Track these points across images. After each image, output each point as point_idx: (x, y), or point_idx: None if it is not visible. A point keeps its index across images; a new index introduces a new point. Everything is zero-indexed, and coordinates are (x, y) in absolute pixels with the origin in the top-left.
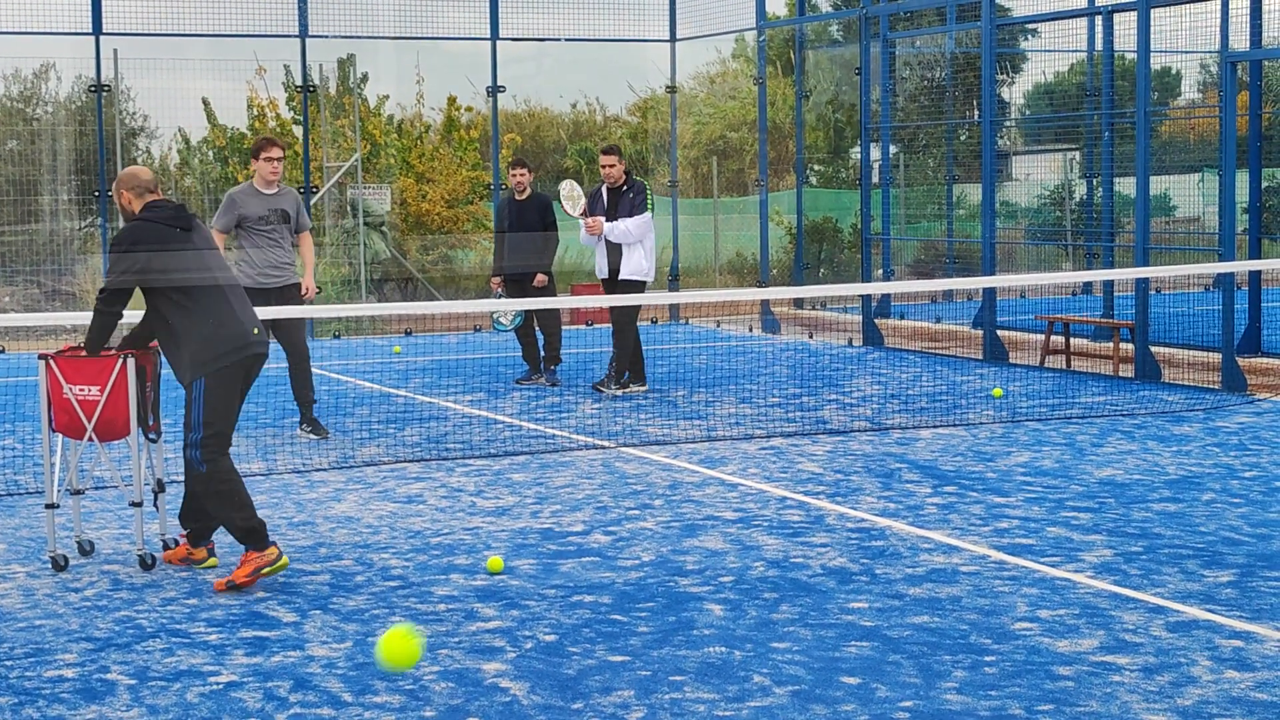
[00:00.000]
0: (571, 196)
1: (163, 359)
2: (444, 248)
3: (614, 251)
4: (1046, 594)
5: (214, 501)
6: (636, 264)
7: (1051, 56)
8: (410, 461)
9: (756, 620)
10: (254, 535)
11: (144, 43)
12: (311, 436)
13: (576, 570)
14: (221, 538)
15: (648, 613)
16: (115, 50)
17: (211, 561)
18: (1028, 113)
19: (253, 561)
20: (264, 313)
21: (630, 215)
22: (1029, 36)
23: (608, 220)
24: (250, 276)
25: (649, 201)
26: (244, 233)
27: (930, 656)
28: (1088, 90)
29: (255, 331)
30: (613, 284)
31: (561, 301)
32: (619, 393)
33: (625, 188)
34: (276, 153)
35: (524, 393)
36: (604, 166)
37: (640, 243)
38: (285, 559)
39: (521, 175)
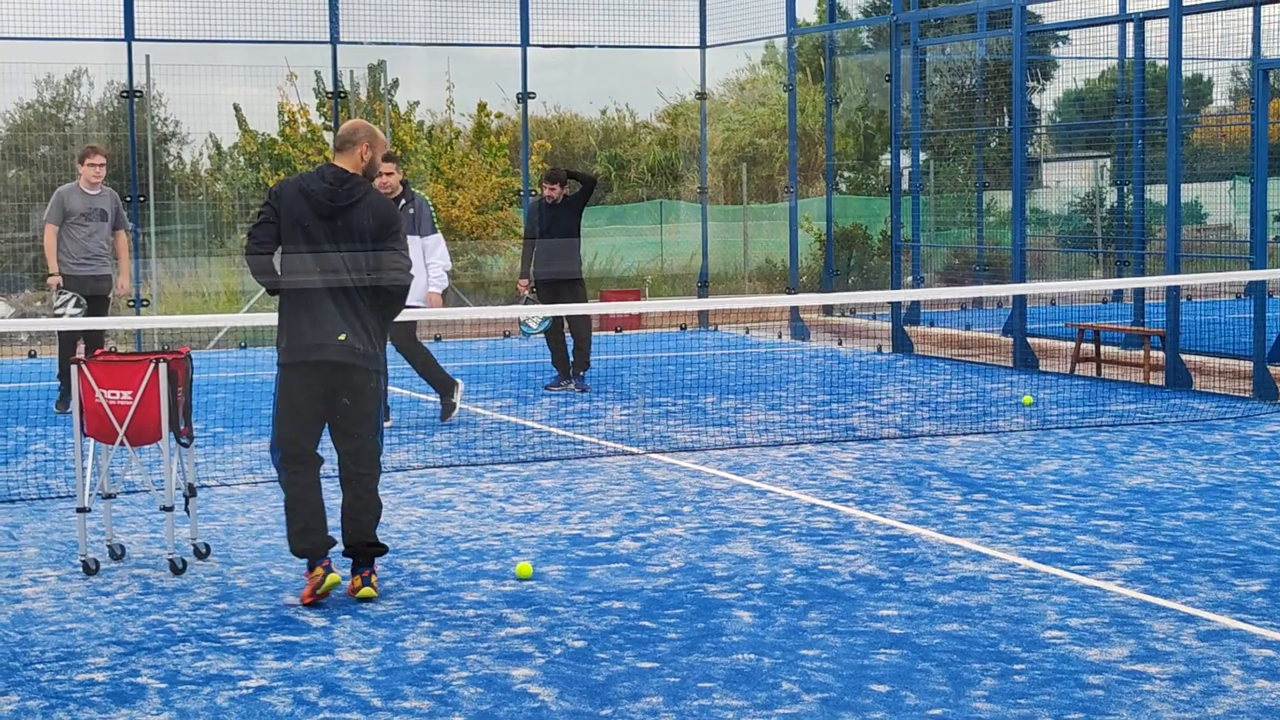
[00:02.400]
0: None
1: (194, 363)
2: (473, 254)
3: None
4: (1076, 602)
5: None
6: (419, 289)
7: (1082, 63)
8: (439, 467)
9: (785, 627)
10: (303, 556)
11: (176, 48)
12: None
13: (605, 576)
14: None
15: (676, 619)
16: (147, 56)
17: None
18: (1058, 120)
19: (308, 582)
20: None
21: (417, 233)
22: (1059, 43)
23: None
24: (68, 265)
25: (435, 223)
26: (66, 225)
27: (960, 664)
28: (1119, 97)
29: (342, 337)
30: None
31: (591, 307)
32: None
33: (404, 201)
34: (98, 159)
35: (553, 398)
36: (382, 174)
37: (426, 268)
38: (333, 577)
39: (553, 190)
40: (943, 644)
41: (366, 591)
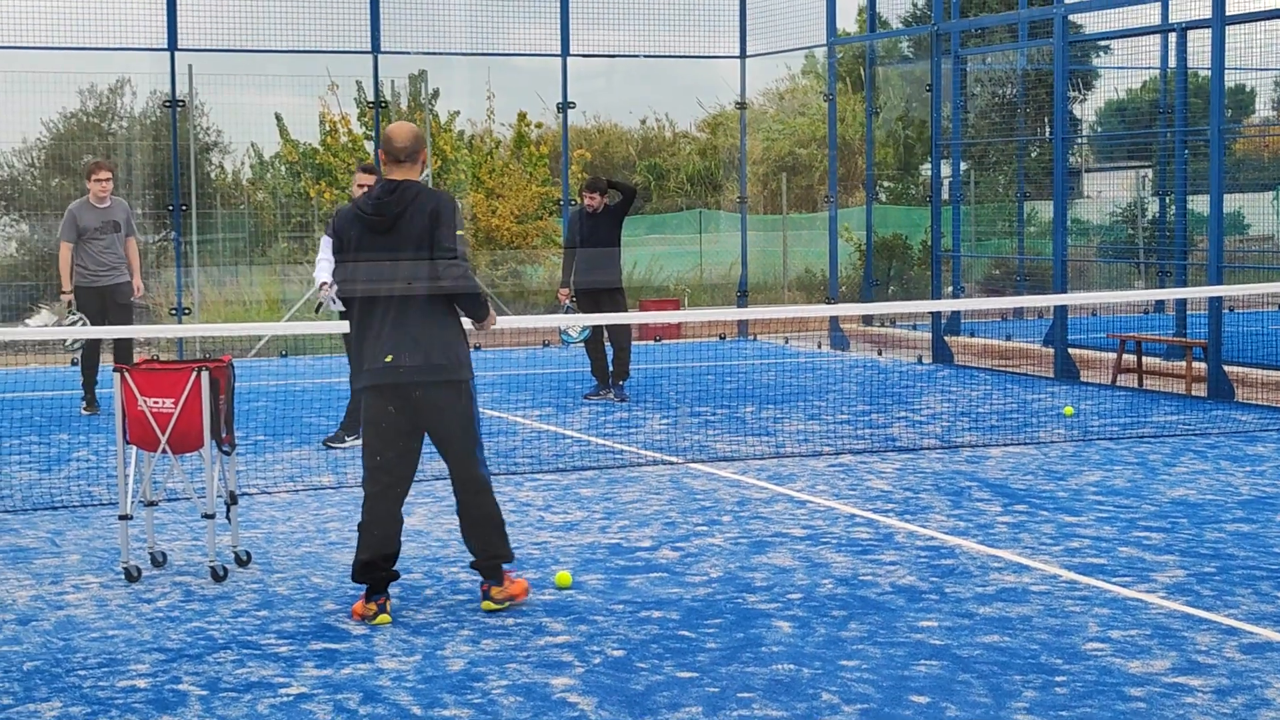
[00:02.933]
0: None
1: (235, 372)
2: (513, 263)
3: None
4: (1118, 614)
5: None
6: None
7: (1124, 73)
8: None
9: (825, 638)
10: (359, 579)
11: (218, 58)
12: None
13: (645, 586)
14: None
15: (716, 629)
16: (190, 66)
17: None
18: (1099, 130)
19: (360, 602)
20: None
21: None
22: (1101, 53)
23: None
24: (85, 276)
25: None
26: (82, 241)
27: (1000, 676)
28: (1160, 107)
29: (389, 359)
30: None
31: (632, 317)
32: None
33: None
34: (104, 174)
35: (592, 408)
36: (360, 186)
37: None
38: (384, 618)
39: (593, 199)
40: (983, 655)
41: (486, 605)
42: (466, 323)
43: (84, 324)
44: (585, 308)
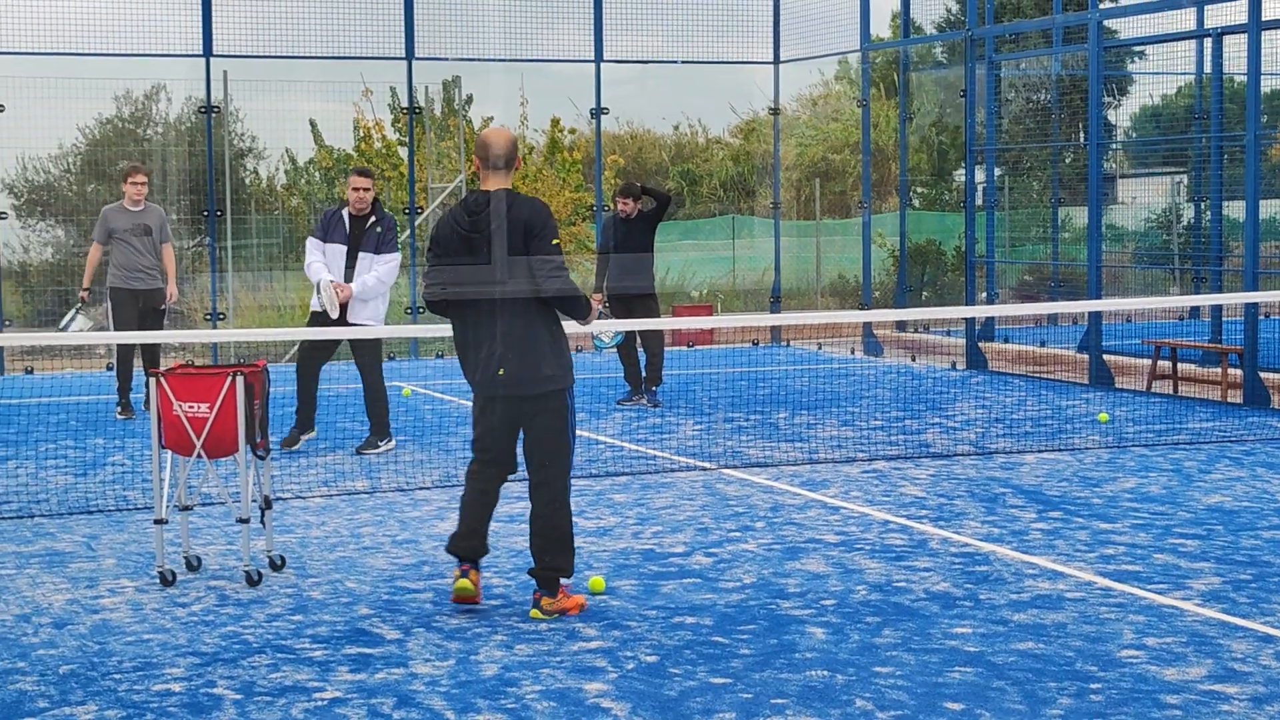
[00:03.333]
0: (331, 300)
1: (270, 377)
2: None
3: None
4: (1153, 621)
5: None
6: (374, 308)
7: (1159, 79)
8: (513, 481)
9: (859, 644)
10: (450, 549)
11: (253, 64)
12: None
13: (678, 591)
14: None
15: (749, 635)
16: (225, 72)
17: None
18: (1134, 135)
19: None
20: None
21: (377, 252)
22: (1136, 59)
23: (348, 250)
24: (119, 278)
25: (399, 239)
26: (114, 242)
27: (1035, 683)
28: (1196, 113)
29: (500, 372)
30: (337, 322)
31: (665, 323)
32: (386, 448)
33: (373, 218)
34: (140, 178)
35: (625, 413)
36: (355, 189)
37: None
38: (462, 583)
39: (626, 205)
40: (1018, 662)
41: (534, 613)
42: (569, 325)
43: (78, 320)
44: (618, 313)
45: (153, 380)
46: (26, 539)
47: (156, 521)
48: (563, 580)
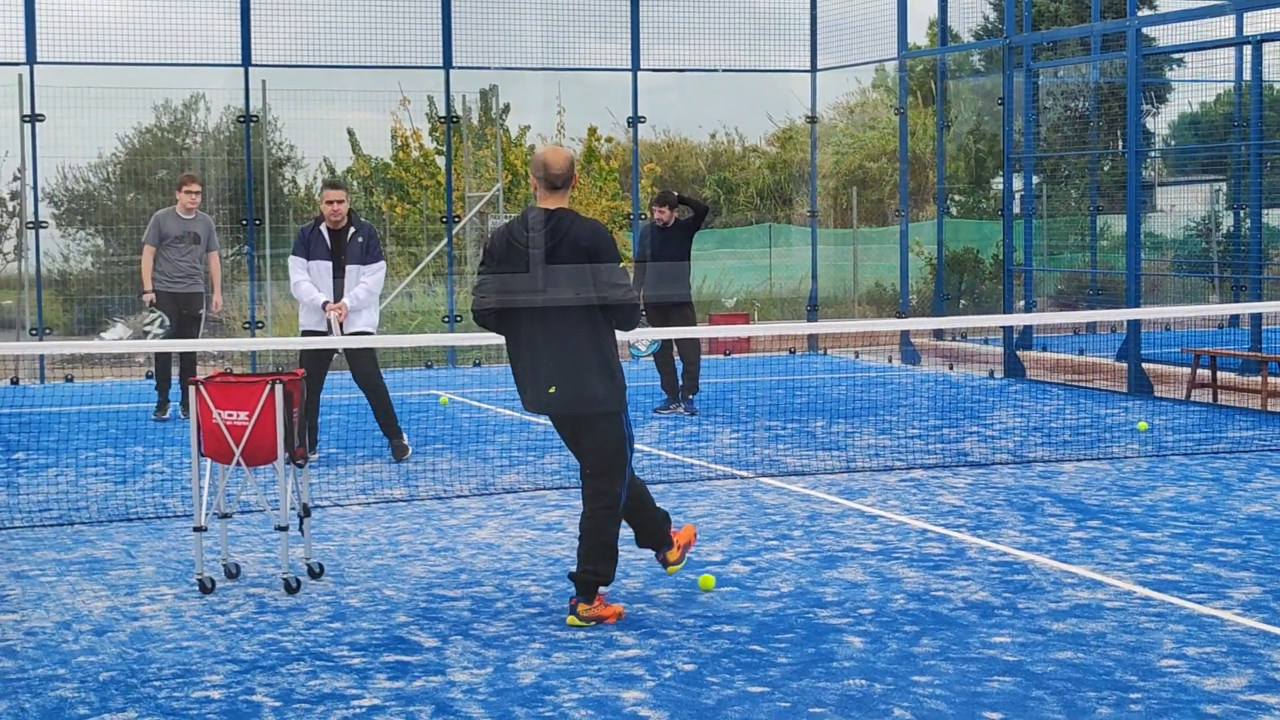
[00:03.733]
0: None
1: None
2: None
3: (336, 297)
4: (1193, 631)
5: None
6: (368, 317)
7: (1197, 86)
8: (550, 489)
9: (897, 653)
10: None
11: (291, 74)
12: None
13: (715, 600)
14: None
15: (787, 644)
16: (264, 81)
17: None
18: (1173, 143)
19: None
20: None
21: (363, 262)
22: (1174, 66)
23: (334, 265)
24: (162, 282)
25: (382, 250)
26: (162, 247)
27: (1074, 693)
28: (1235, 120)
29: (551, 390)
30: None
31: (701, 331)
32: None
33: (352, 230)
34: (194, 187)
35: (662, 421)
36: (329, 202)
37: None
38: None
39: (662, 213)
40: (1057, 672)
41: (570, 619)
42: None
43: (164, 323)
44: (654, 322)
45: (192, 388)
46: (67, 546)
47: (196, 529)
48: (601, 589)
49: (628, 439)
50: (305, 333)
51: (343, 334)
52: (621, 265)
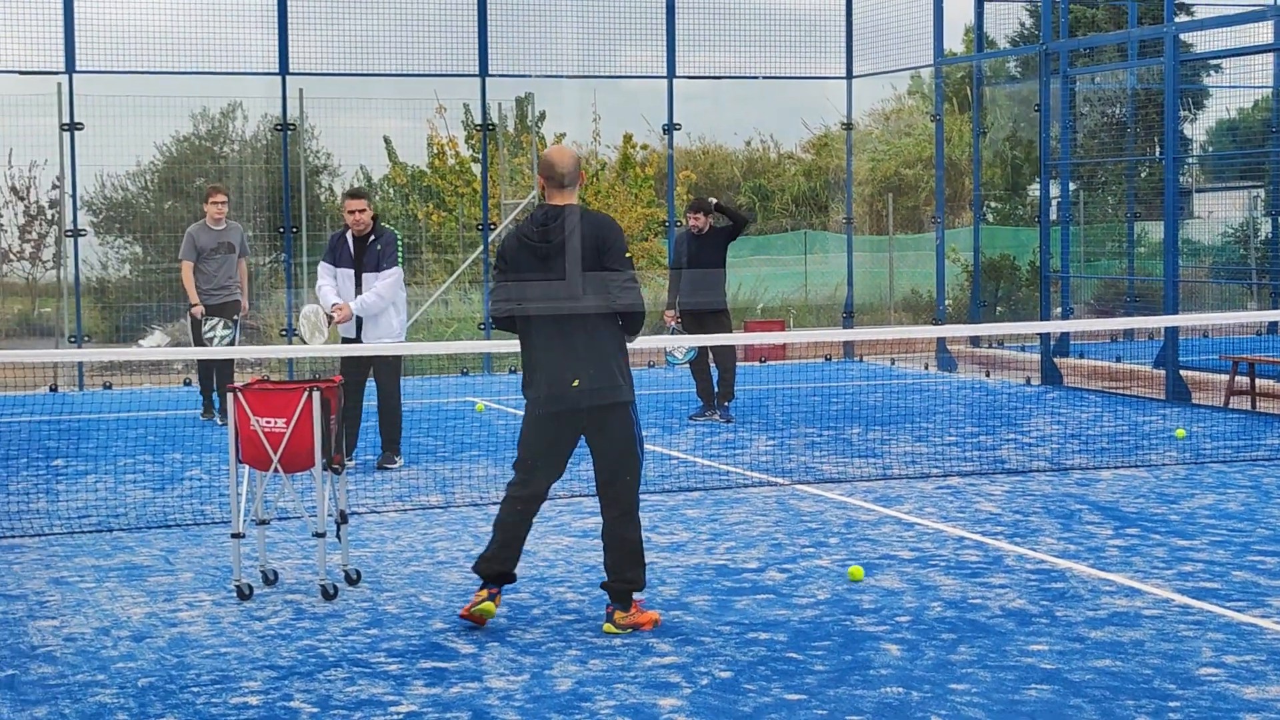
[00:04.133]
0: (315, 327)
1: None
2: None
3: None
4: (1233, 639)
5: None
6: (388, 325)
7: (1235, 92)
8: (586, 496)
9: (934, 661)
10: (478, 575)
11: (328, 82)
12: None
13: (751, 607)
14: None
15: (824, 651)
16: (301, 90)
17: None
18: (1210, 149)
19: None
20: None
21: (378, 270)
22: (1212, 72)
23: (356, 272)
24: (200, 295)
25: (399, 254)
26: (200, 260)
27: (1113, 701)
28: (1273, 126)
29: (575, 383)
30: (356, 343)
31: (737, 338)
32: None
33: (373, 237)
34: (220, 198)
35: (698, 428)
36: (350, 212)
37: (396, 309)
38: (487, 606)
39: (697, 220)
40: (1095, 680)
41: (607, 627)
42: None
43: (225, 324)
44: (690, 329)
45: (230, 396)
46: (105, 553)
47: (234, 536)
48: (636, 595)
49: (638, 438)
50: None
51: (356, 335)
52: (629, 259)
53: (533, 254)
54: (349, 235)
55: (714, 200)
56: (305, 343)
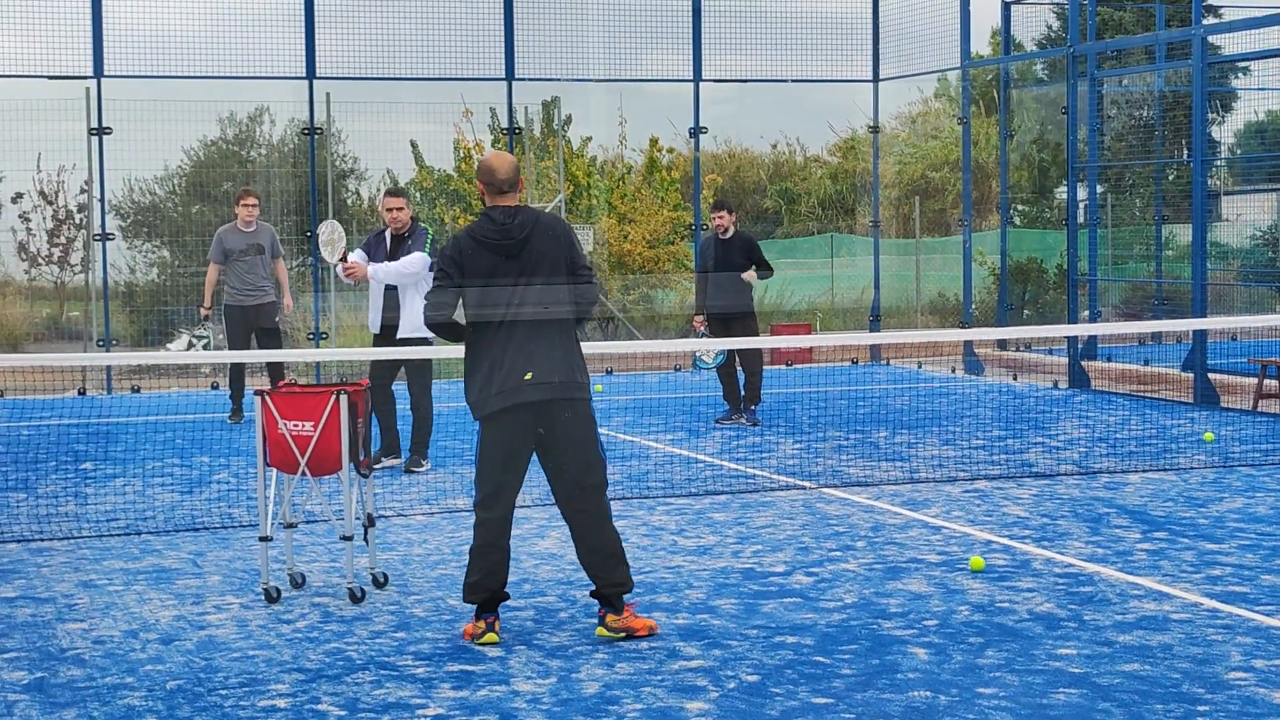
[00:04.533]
0: (331, 241)
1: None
2: (645, 287)
3: (389, 303)
4: (1261, 643)
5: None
6: (417, 323)
7: (1264, 94)
8: (612, 499)
9: (962, 665)
10: (470, 599)
11: (355, 86)
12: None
13: (778, 611)
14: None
15: (851, 655)
16: (328, 94)
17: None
18: (1239, 152)
19: (468, 628)
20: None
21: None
22: (1240, 74)
23: None
24: (233, 295)
25: (428, 246)
26: (230, 262)
27: (1141, 705)
28: None
29: (528, 376)
30: (387, 340)
31: (764, 341)
32: (426, 467)
33: (408, 236)
34: (250, 200)
35: (725, 432)
36: (388, 209)
37: (419, 292)
38: (491, 636)
39: (721, 218)
40: (1124, 684)
41: (600, 631)
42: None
43: (192, 344)
44: (716, 332)
45: (258, 399)
46: (134, 556)
47: (261, 539)
48: (627, 597)
49: (599, 438)
50: (374, 338)
51: (392, 334)
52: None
53: (496, 253)
54: (387, 234)
55: (732, 203)
56: (324, 259)
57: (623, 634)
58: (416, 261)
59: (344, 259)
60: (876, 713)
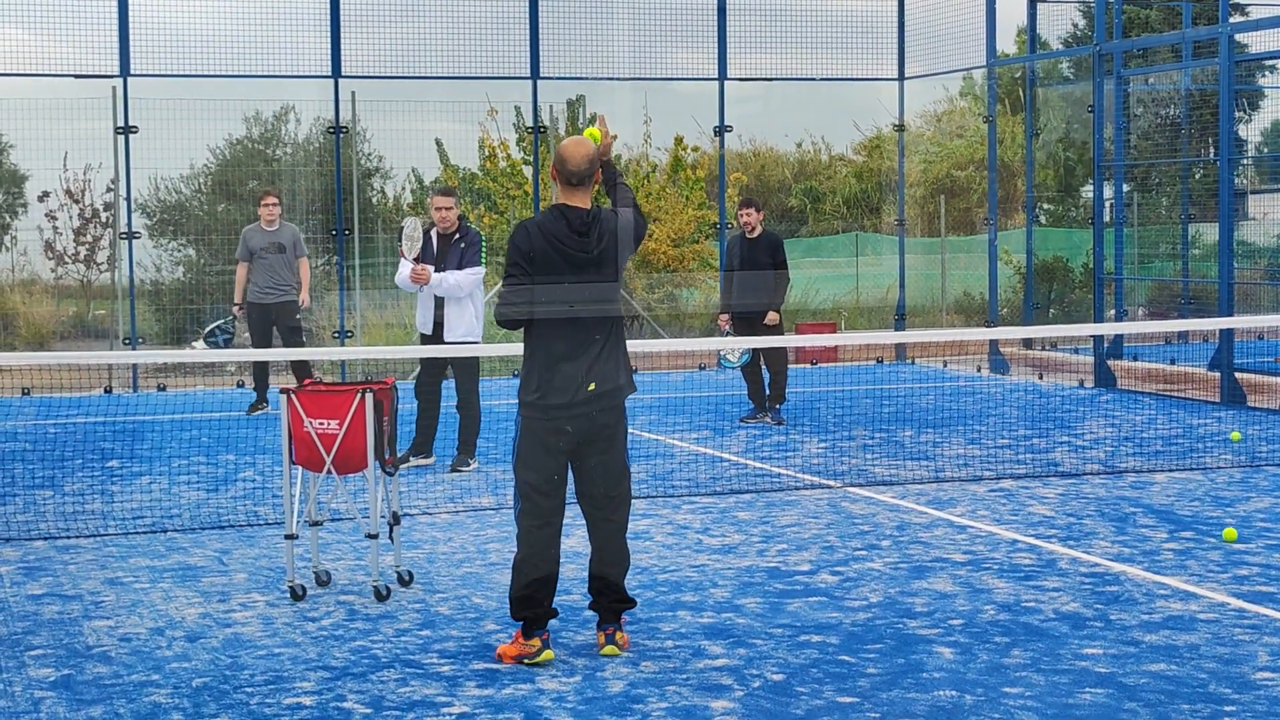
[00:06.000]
0: (412, 238)
1: (398, 394)
2: (670, 286)
3: (437, 305)
4: None
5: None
6: (469, 325)
7: None
8: (636, 498)
9: (988, 664)
10: (520, 615)
11: (381, 85)
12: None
13: (804, 610)
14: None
15: (876, 654)
16: (353, 93)
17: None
18: (1266, 150)
19: (516, 645)
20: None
21: (460, 267)
22: (1267, 73)
23: (435, 269)
24: (254, 293)
25: (483, 255)
26: (252, 260)
27: (1168, 705)
28: None
29: (591, 388)
30: (436, 341)
31: (789, 340)
32: (473, 467)
33: (458, 235)
34: (271, 200)
35: (749, 431)
36: (438, 209)
37: (470, 299)
38: (548, 653)
39: (749, 215)
40: (1150, 684)
41: (610, 650)
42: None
43: (226, 341)
44: (741, 331)
45: (283, 397)
46: (160, 553)
47: (287, 537)
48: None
49: (628, 448)
50: (421, 337)
51: (438, 333)
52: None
53: (567, 260)
54: (434, 232)
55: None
56: (402, 252)
57: (626, 649)
58: (474, 279)
59: (418, 259)
60: (902, 712)
